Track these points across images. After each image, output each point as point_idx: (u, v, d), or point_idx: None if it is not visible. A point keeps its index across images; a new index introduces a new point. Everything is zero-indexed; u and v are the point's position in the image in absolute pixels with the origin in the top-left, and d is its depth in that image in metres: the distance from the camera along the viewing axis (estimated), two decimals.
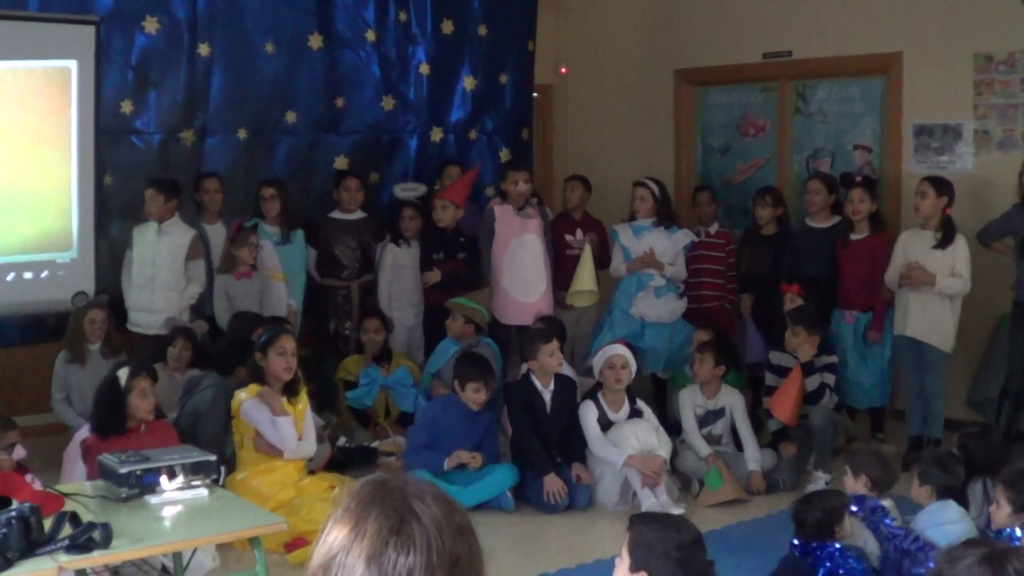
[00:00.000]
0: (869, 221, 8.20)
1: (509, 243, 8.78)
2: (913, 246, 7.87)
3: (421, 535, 1.74)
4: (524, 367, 7.70)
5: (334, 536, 1.78)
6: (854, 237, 8.23)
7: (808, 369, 7.55)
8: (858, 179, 8.36)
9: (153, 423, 6.13)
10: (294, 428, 6.61)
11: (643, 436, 7.24)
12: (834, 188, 8.57)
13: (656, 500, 7.00)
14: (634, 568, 3.61)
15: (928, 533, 5.17)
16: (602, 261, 9.15)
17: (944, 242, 7.73)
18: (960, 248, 7.74)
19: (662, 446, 7.27)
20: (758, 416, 8.04)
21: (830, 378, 7.65)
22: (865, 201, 8.15)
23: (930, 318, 7.78)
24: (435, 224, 9.01)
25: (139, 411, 6.01)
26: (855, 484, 5.59)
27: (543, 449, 7.34)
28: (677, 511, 6.85)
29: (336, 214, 9.12)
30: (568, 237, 9.15)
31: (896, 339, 8.03)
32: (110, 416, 5.99)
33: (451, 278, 8.78)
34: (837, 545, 5.06)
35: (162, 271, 8.21)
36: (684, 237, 8.75)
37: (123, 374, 6.06)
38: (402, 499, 1.79)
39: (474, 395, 7.30)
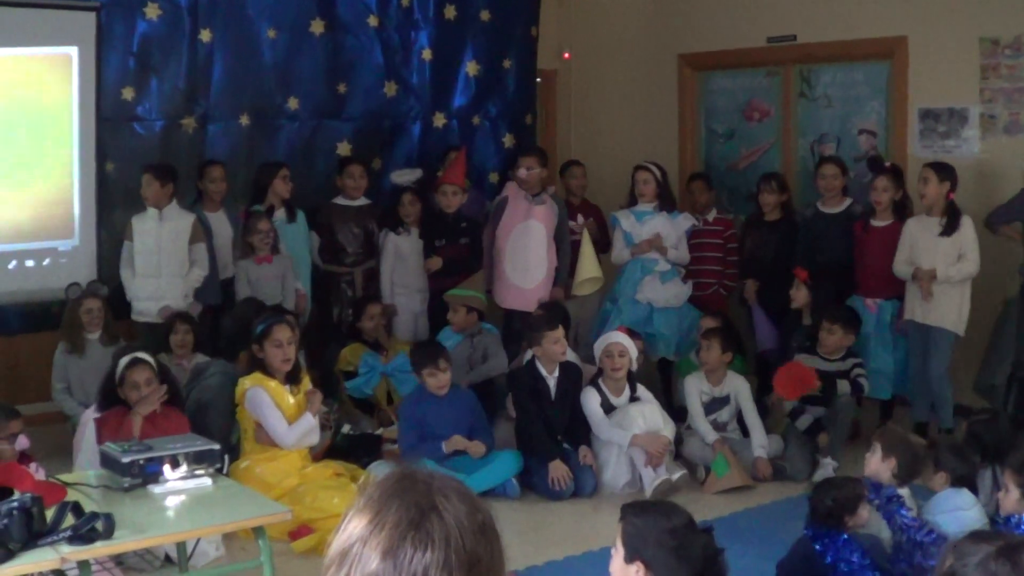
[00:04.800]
0: (892, 208, 8.15)
1: (514, 227, 8.74)
2: (920, 233, 7.81)
3: (441, 532, 1.70)
4: (528, 353, 7.68)
5: (354, 525, 1.75)
6: (875, 223, 8.17)
7: (843, 375, 7.55)
8: (888, 165, 8.32)
9: (168, 410, 6.09)
10: (317, 432, 6.68)
11: (650, 417, 7.25)
12: (845, 171, 8.56)
13: (655, 474, 7.03)
14: (629, 559, 3.57)
15: (939, 519, 5.14)
16: (601, 245, 9.14)
17: (949, 228, 7.68)
18: (966, 230, 7.69)
19: (667, 427, 7.28)
20: (764, 403, 8.01)
21: (861, 373, 7.66)
22: (888, 190, 8.09)
23: (940, 302, 7.74)
24: (435, 210, 8.99)
25: (131, 402, 6.00)
26: (881, 465, 5.49)
27: (548, 435, 7.33)
28: (677, 474, 6.92)
29: (340, 200, 9.09)
30: (570, 223, 9.12)
31: (906, 324, 7.99)
32: (108, 404, 6.09)
33: (453, 264, 8.74)
34: (844, 536, 5.01)
35: (167, 257, 8.15)
36: (685, 221, 8.78)
37: (121, 364, 6.08)
38: (426, 493, 1.75)
39: (431, 380, 7.25)
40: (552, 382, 7.46)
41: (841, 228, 8.36)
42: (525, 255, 8.73)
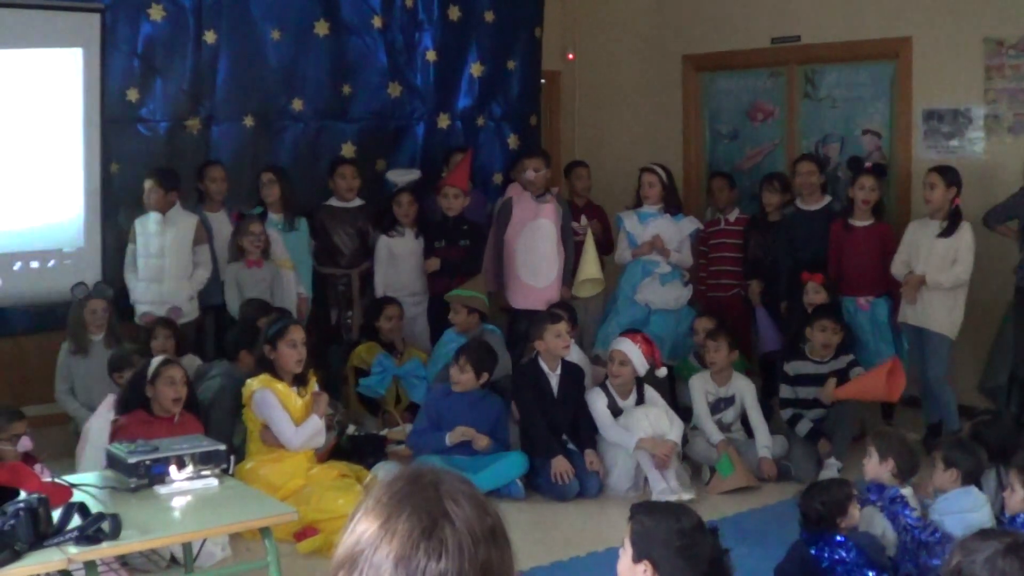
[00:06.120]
0: (871, 209, 8.15)
1: (523, 227, 8.73)
2: (921, 237, 7.81)
3: (453, 540, 1.70)
4: (533, 352, 7.68)
5: (363, 528, 1.74)
6: (857, 223, 8.17)
7: (840, 377, 7.54)
8: (868, 165, 8.31)
9: (186, 417, 6.09)
10: (323, 433, 6.68)
11: (655, 420, 7.24)
12: (822, 168, 8.58)
13: (667, 485, 7.00)
14: (636, 559, 3.59)
15: (947, 520, 5.13)
16: (604, 247, 9.13)
17: (948, 231, 7.67)
18: (964, 235, 7.68)
19: (673, 430, 7.27)
20: (769, 404, 8.00)
21: (860, 371, 7.64)
22: (876, 190, 8.10)
23: (932, 305, 7.75)
24: (437, 211, 8.98)
25: (164, 398, 6.00)
26: (879, 468, 5.52)
27: (550, 431, 7.33)
28: (687, 496, 6.86)
29: (333, 202, 9.06)
30: (573, 224, 9.11)
31: (902, 327, 8.00)
32: (132, 398, 6.09)
33: (451, 266, 8.74)
34: (838, 538, 5.01)
35: (171, 261, 8.16)
36: (690, 224, 8.74)
37: (155, 361, 6.10)
38: (436, 499, 1.74)
39: (455, 373, 7.31)
40: (555, 380, 7.47)
41: (821, 225, 8.36)
42: (536, 254, 8.71)
